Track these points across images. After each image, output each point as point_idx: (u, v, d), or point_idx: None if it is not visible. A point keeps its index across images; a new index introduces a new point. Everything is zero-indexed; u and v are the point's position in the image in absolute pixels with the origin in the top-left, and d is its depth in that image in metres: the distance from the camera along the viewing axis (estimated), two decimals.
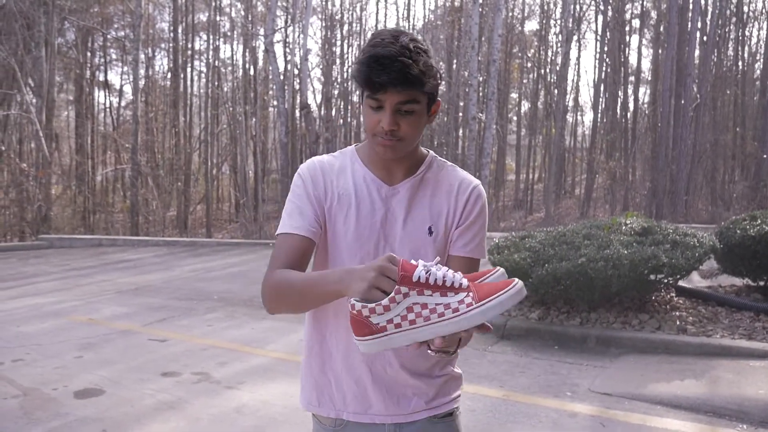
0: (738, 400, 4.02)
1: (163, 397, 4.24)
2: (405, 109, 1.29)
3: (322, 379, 1.48)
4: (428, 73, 1.28)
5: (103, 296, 8.02)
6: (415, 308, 1.07)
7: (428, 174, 1.45)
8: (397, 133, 1.30)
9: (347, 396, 1.44)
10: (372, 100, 1.29)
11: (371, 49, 1.26)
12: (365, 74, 1.26)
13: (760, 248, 6.01)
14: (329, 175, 1.43)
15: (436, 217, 1.42)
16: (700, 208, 19.46)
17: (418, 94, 1.28)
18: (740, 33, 23.95)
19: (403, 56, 1.24)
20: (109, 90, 28.03)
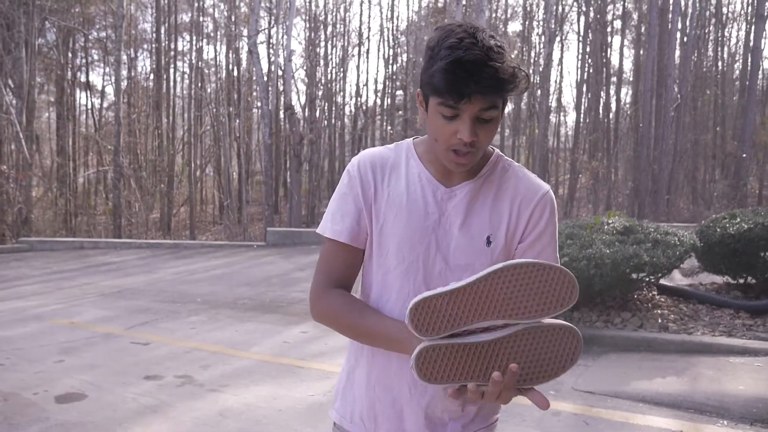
0: (719, 397, 4.06)
1: (146, 400, 4.20)
2: (484, 117, 1.17)
3: (361, 396, 1.38)
4: (518, 73, 1.17)
5: (85, 299, 7.95)
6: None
7: (492, 176, 1.32)
8: (475, 144, 1.19)
9: (379, 416, 1.35)
10: (447, 109, 1.16)
11: (449, 52, 1.12)
12: (449, 82, 1.12)
13: (740, 246, 6.09)
14: (381, 172, 1.32)
15: (497, 226, 1.29)
16: (682, 207, 19.67)
17: (499, 99, 1.17)
18: (719, 34, 24.27)
19: (493, 60, 1.12)
20: (91, 91, 27.77)
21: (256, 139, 26.17)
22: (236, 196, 23.15)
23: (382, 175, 1.32)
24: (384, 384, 1.34)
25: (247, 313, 7.09)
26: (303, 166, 21.05)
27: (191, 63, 26.67)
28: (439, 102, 1.16)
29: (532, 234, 1.30)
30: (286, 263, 11.09)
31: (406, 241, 1.29)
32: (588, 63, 24.67)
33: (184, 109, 28.98)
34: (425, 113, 1.24)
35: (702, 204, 19.21)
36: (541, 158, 21.95)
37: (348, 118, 27.48)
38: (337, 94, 26.23)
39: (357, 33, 28.02)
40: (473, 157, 1.22)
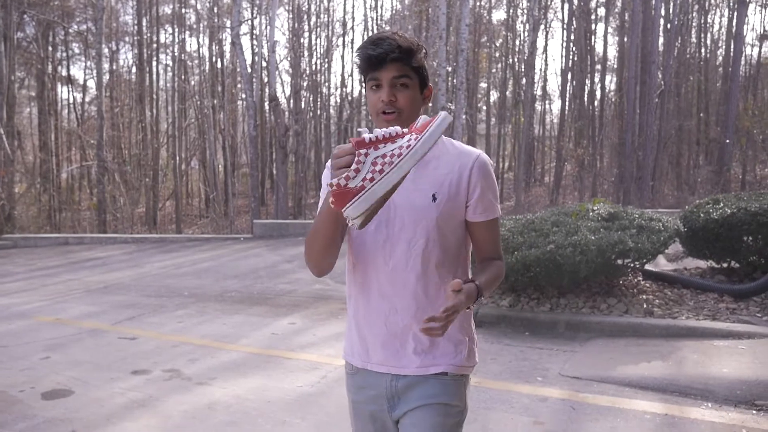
0: (703, 380, 4.11)
1: (134, 395, 4.19)
2: (400, 83, 1.53)
3: (353, 334, 1.71)
4: (417, 48, 1.55)
5: (71, 295, 7.89)
6: (378, 161, 1.29)
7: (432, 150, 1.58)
8: (395, 105, 1.54)
9: (370, 348, 1.66)
10: (372, 81, 1.54)
11: (368, 39, 1.55)
12: (363, 54, 1.52)
13: (723, 231, 6.15)
14: None
15: (439, 186, 1.58)
16: (666, 193, 19.82)
17: (409, 70, 1.54)
18: (702, 20, 24.38)
19: (394, 36, 1.53)
20: (73, 85, 27.43)
21: (242, 131, 26.00)
22: (222, 188, 23.05)
23: None
24: (369, 321, 1.65)
25: (235, 305, 7.07)
26: (289, 158, 20.97)
27: (174, 55, 26.46)
28: (367, 78, 1.56)
29: (476, 192, 1.61)
30: (273, 255, 11.07)
31: None
32: (572, 51, 24.71)
33: (167, 102, 28.74)
34: (366, 100, 1.62)
35: (686, 190, 19.36)
36: (527, 146, 22.02)
37: (333, 109, 27.38)
38: (322, 84, 26.11)
39: (341, 23, 27.90)
40: (398, 117, 1.55)
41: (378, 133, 1.32)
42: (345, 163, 1.31)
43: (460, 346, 1.65)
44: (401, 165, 1.29)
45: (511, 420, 3.62)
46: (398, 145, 1.31)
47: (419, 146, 1.30)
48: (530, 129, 22.67)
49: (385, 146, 1.31)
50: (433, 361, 1.62)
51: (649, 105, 18.19)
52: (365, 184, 1.28)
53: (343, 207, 1.29)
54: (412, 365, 1.62)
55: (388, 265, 1.59)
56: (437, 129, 1.32)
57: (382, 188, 1.29)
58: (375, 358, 1.66)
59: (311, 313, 6.57)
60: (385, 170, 1.29)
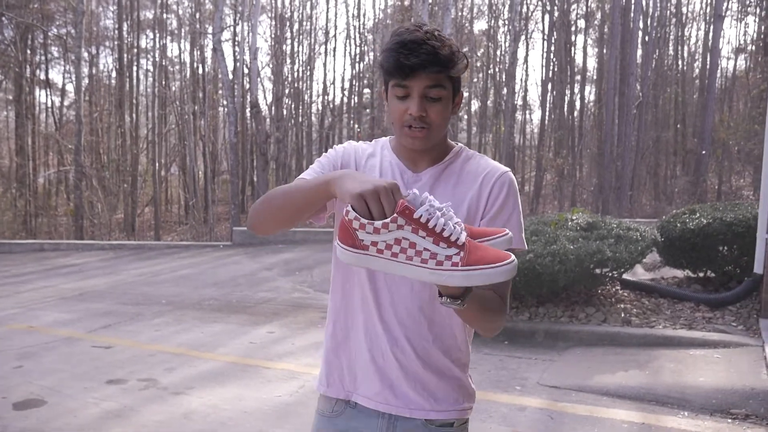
0: (679, 388, 4.15)
1: (108, 405, 4.12)
2: (432, 95, 1.30)
3: (338, 359, 1.47)
4: (457, 55, 1.31)
5: (45, 303, 7.76)
6: (402, 243, 1.05)
7: (454, 163, 1.44)
8: (426, 120, 1.32)
9: (359, 376, 1.44)
10: (399, 89, 1.31)
11: (397, 37, 1.29)
12: (394, 59, 1.28)
13: (699, 241, 6.23)
14: (361, 155, 1.48)
15: (458, 206, 1.39)
16: (645, 202, 20.04)
17: (444, 79, 1.30)
18: (680, 33, 24.75)
19: (431, 39, 1.27)
20: (51, 89, 27.08)
21: (222, 138, 25.85)
22: (202, 195, 22.87)
23: (361, 157, 1.47)
24: (359, 348, 1.43)
25: (213, 314, 7.00)
26: (270, 165, 20.89)
27: (155, 61, 26.25)
28: (393, 84, 1.32)
29: (493, 209, 1.40)
30: (252, 263, 10.99)
31: None
32: (553, 61, 24.95)
33: (147, 107, 28.47)
34: (388, 104, 1.38)
35: (664, 199, 19.59)
36: (508, 156, 22.15)
37: (315, 117, 27.34)
38: (304, 92, 26.07)
39: (324, 31, 27.92)
40: (428, 133, 1.34)
41: (435, 221, 1.04)
42: (377, 208, 1.05)
43: (463, 386, 1.47)
44: (413, 271, 1.06)
45: (489, 430, 3.61)
46: (435, 250, 1.04)
47: (446, 276, 1.04)
48: (511, 138, 22.82)
49: (424, 238, 1.04)
50: (437, 405, 1.41)
51: (628, 116, 18.41)
52: (370, 248, 1.06)
53: (339, 241, 1.09)
54: (412, 406, 1.40)
55: (390, 292, 1.39)
56: (490, 276, 1.03)
57: (378, 266, 1.08)
58: (365, 390, 1.42)
59: (290, 322, 6.53)
60: (398, 258, 1.05)
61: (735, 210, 6.47)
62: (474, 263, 1.03)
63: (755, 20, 25.32)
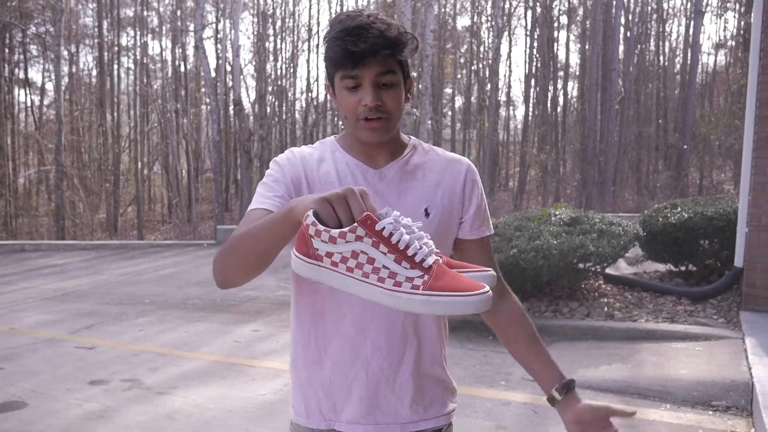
0: (661, 381, 4.19)
1: (91, 406, 4.08)
2: (384, 82, 1.21)
3: (314, 388, 1.34)
4: (405, 35, 1.23)
5: (27, 304, 7.67)
6: (360, 257, 0.92)
7: (415, 157, 1.37)
8: (382, 109, 1.22)
9: (338, 404, 1.31)
10: (348, 80, 1.21)
11: (339, 25, 1.20)
12: (341, 48, 1.18)
13: (681, 235, 6.29)
14: (309, 163, 1.33)
15: (431, 198, 1.33)
16: (627, 197, 20.22)
17: (394, 63, 1.22)
18: (661, 29, 24.98)
19: (377, 23, 1.19)
20: (30, 88, 26.75)
21: (205, 136, 25.70)
22: (185, 194, 22.72)
23: (311, 167, 1.32)
24: (340, 370, 1.31)
25: (197, 313, 6.96)
26: (253, 163, 20.78)
27: (136, 59, 26.03)
28: (341, 75, 1.22)
29: (473, 204, 1.38)
30: None
31: None
32: (536, 57, 25.08)
33: (129, 105, 28.24)
34: (335, 99, 1.27)
35: (646, 194, 19.79)
36: (492, 151, 22.23)
37: (299, 114, 27.27)
38: (287, 89, 25.99)
39: (307, 28, 27.82)
40: (386, 123, 1.25)
41: (399, 236, 0.92)
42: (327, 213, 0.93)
43: (447, 390, 1.42)
44: (368, 290, 0.93)
45: (474, 425, 3.63)
46: (395, 270, 0.91)
47: (403, 300, 0.91)
48: (495, 134, 22.90)
49: (385, 254, 0.91)
50: (424, 414, 1.34)
51: (610, 111, 18.56)
52: (324, 259, 0.93)
53: (295, 249, 0.96)
54: (399, 420, 1.32)
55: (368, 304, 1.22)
56: (453, 306, 0.90)
57: (330, 281, 0.95)
58: (347, 416, 1.31)
59: (274, 320, 6.51)
60: (353, 274, 0.93)
61: (716, 204, 6.54)
62: (438, 289, 0.90)
63: (735, 16, 25.65)
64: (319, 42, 28.89)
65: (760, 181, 5.56)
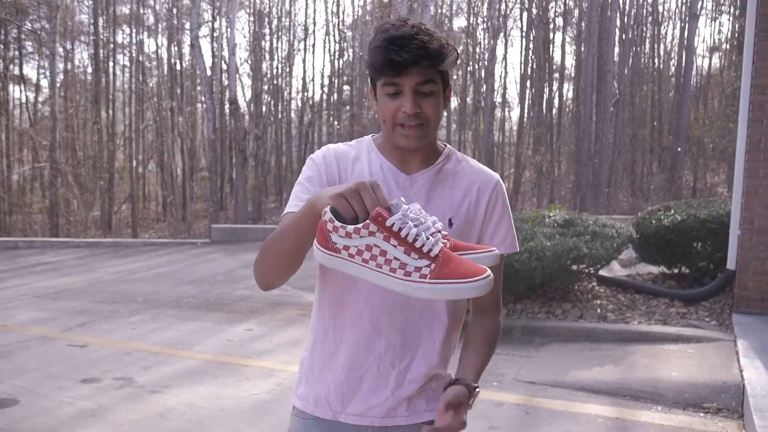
0: (653, 383, 4.21)
1: (83, 404, 4.07)
2: (424, 90, 1.26)
3: (326, 378, 1.39)
4: (446, 48, 1.27)
5: (19, 301, 7.64)
6: (373, 249, 1.02)
7: (447, 165, 1.41)
8: (421, 116, 1.28)
9: (346, 395, 1.37)
10: (389, 86, 1.26)
11: (384, 34, 1.24)
12: (383, 56, 1.23)
13: (674, 237, 6.32)
14: (344, 161, 1.39)
15: (457, 209, 1.37)
16: (621, 199, 20.27)
17: (435, 73, 1.27)
18: (656, 32, 25.04)
19: (420, 34, 1.23)
20: (25, 84, 26.62)
21: (201, 135, 25.64)
22: (180, 192, 22.67)
23: (345, 165, 1.38)
24: (352, 363, 1.36)
25: (191, 311, 6.95)
26: (249, 162, 20.76)
27: (132, 56, 25.94)
28: (382, 82, 1.27)
29: (494, 218, 1.41)
30: (231, 260, 10.93)
31: None
32: (531, 59, 25.11)
33: (124, 103, 28.14)
34: (376, 104, 1.32)
35: (640, 196, 19.84)
36: (487, 152, 22.26)
37: (294, 113, 27.24)
38: (283, 88, 25.95)
39: (303, 27, 27.80)
40: (423, 130, 1.30)
41: (408, 230, 1.01)
42: (344, 207, 1.03)
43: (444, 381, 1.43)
44: (381, 278, 1.03)
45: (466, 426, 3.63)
46: (405, 260, 1.01)
47: (412, 288, 1.01)
48: (490, 136, 22.93)
49: (396, 247, 1.01)
50: (426, 406, 1.40)
51: (605, 113, 18.61)
52: (342, 252, 1.03)
53: (316, 242, 1.06)
54: (402, 413, 1.38)
55: (389, 296, 1.33)
56: (460, 291, 0.99)
57: (349, 270, 1.05)
58: (354, 408, 1.37)
59: (268, 320, 6.50)
60: (367, 265, 1.03)
61: (709, 207, 6.57)
62: (444, 277, 1.00)
63: (729, 19, 25.73)
64: (315, 42, 28.72)
65: (753, 184, 5.59)
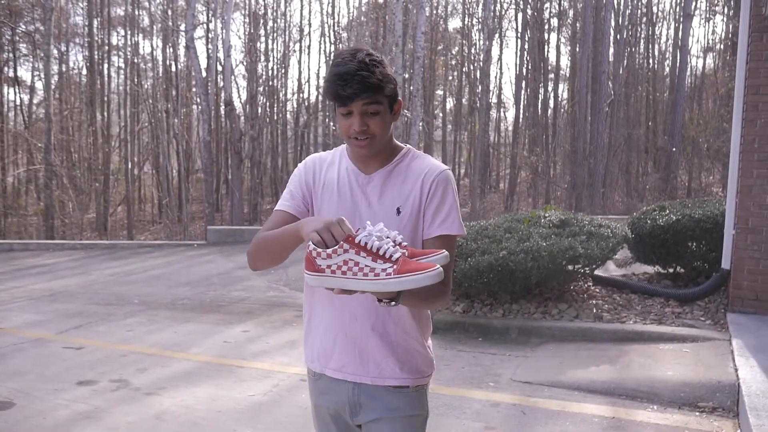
0: (649, 383, 4.22)
1: (79, 407, 4.06)
2: (371, 111, 1.53)
3: (315, 340, 1.74)
4: (385, 80, 1.52)
5: (14, 304, 7.62)
6: (349, 263, 1.32)
7: (401, 164, 1.67)
8: (367, 132, 1.54)
9: (328, 353, 1.70)
10: (342, 108, 1.53)
11: (334, 68, 1.51)
12: (332, 90, 1.50)
13: (669, 237, 6.33)
14: (321, 167, 1.73)
15: (405, 199, 1.63)
16: (617, 199, 20.31)
17: (378, 97, 1.52)
18: (650, 32, 25.12)
19: (361, 70, 1.48)
20: (20, 86, 26.56)
21: (196, 136, 25.59)
22: (176, 194, 22.63)
23: (321, 169, 1.73)
24: (329, 330, 1.69)
25: (187, 313, 6.94)
26: (244, 163, 20.75)
27: (126, 58, 25.90)
28: (338, 106, 1.55)
29: (433, 204, 1.62)
30: (227, 262, 10.91)
31: (337, 215, 1.54)
32: (526, 60, 25.17)
33: (120, 105, 28.12)
34: (336, 120, 1.63)
35: (635, 196, 19.88)
36: (482, 153, 22.29)
37: (290, 114, 27.23)
38: (278, 90, 25.94)
39: (298, 28, 27.78)
40: (371, 142, 1.57)
41: (371, 244, 1.33)
42: (327, 237, 1.34)
43: (419, 356, 1.72)
44: (358, 283, 1.33)
45: (462, 426, 3.64)
46: (373, 266, 1.32)
47: (382, 285, 1.31)
48: (485, 136, 22.96)
49: (365, 257, 1.32)
50: (393, 373, 1.66)
51: (600, 114, 18.65)
52: (326, 270, 1.34)
53: (305, 270, 1.37)
54: (371, 374, 1.66)
55: None
56: (418, 281, 1.30)
57: (333, 284, 1.35)
58: (333, 364, 1.70)
59: (264, 321, 6.50)
60: (346, 275, 1.33)
61: (703, 207, 6.58)
62: (404, 272, 1.30)
63: (723, 20, 25.81)
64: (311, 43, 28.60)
65: (747, 184, 5.61)
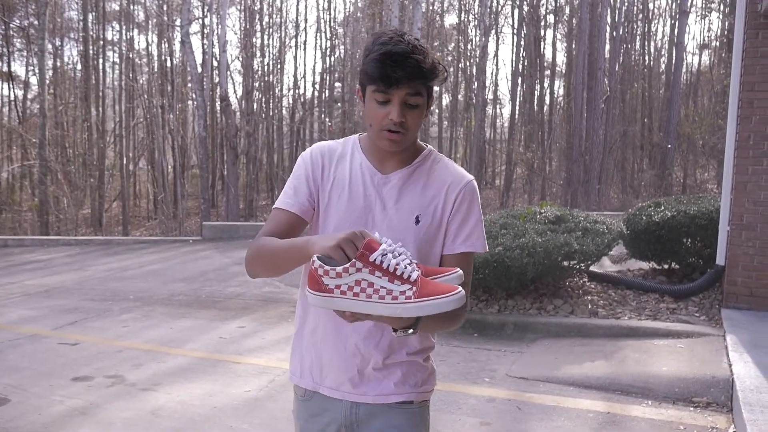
0: (643, 378, 4.23)
1: (74, 402, 4.06)
2: (411, 102, 1.38)
3: (308, 352, 1.57)
4: (438, 67, 1.39)
5: (9, 300, 7.60)
6: (362, 283, 1.17)
7: (423, 166, 1.52)
8: (404, 125, 1.39)
9: (324, 367, 1.53)
10: (380, 94, 1.37)
11: (382, 47, 1.35)
12: (380, 70, 1.34)
13: (664, 233, 6.35)
14: (330, 159, 1.54)
15: (425, 207, 1.48)
16: (612, 196, 20.36)
17: (423, 88, 1.38)
18: (646, 29, 25.15)
19: (415, 53, 1.34)
20: (14, 82, 26.43)
21: (192, 132, 25.54)
22: (171, 190, 22.60)
23: (330, 162, 1.53)
24: (327, 343, 1.52)
25: (182, 309, 6.94)
26: (240, 159, 20.71)
27: (122, 53, 25.81)
28: (374, 89, 1.37)
29: (458, 217, 1.50)
30: (222, 258, 10.90)
31: (346, 218, 1.48)
32: (522, 56, 25.15)
33: (114, 100, 28.01)
34: (363, 105, 1.44)
35: (631, 193, 19.93)
36: (478, 149, 22.29)
37: (286, 110, 27.18)
38: (274, 85, 25.88)
39: (294, 24, 27.73)
40: (404, 137, 1.42)
41: (388, 262, 1.16)
42: (339, 256, 1.18)
43: (421, 370, 1.56)
44: (372, 307, 1.18)
45: (458, 421, 3.65)
46: (390, 288, 1.17)
47: (402, 309, 1.16)
48: (481, 132, 22.97)
49: (380, 278, 1.16)
50: (395, 389, 1.51)
51: (596, 110, 18.66)
52: (334, 291, 1.19)
53: (309, 288, 1.21)
54: (372, 392, 1.51)
55: None
56: (440, 306, 1.15)
57: (342, 306, 1.20)
58: (329, 382, 1.53)
59: (260, 317, 6.50)
60: (358, 297, 1.18)
61: (698, 203, 6.61)
62: (425, 296, 1.16)
63: (719, 17, 25.90)
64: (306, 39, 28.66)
65: (742, 181, 5.63)
